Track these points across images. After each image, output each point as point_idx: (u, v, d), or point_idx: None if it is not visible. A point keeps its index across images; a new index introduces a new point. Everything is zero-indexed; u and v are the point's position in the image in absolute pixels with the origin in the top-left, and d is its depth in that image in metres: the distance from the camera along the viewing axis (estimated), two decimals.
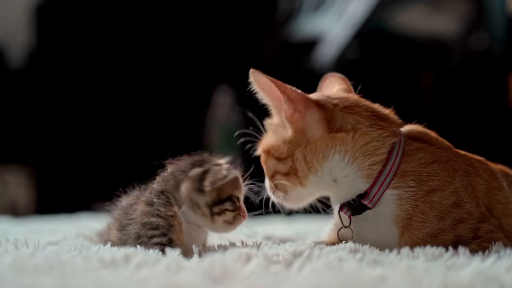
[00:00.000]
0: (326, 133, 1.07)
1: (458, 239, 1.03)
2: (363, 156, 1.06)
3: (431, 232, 1.03)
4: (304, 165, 1.08)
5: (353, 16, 3.19)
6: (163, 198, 1.12)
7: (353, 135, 1.07)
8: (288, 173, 1.10)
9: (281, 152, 1.10)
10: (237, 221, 1.11)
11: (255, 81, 1.10)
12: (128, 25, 3.76)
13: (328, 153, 1.07)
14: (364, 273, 0.83)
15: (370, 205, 1.06)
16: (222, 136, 3.57)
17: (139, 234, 1.11)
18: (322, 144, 1.07)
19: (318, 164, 1.07)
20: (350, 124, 1.08)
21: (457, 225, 1.04)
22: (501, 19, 3.26)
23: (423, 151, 1.08)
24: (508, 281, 0.80)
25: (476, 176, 1.09)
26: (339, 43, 3.19)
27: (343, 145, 1.06)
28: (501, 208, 1.10)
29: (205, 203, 1.09)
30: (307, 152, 1.07)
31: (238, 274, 0.83)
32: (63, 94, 3.73)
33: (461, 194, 1.05)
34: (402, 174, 1.06)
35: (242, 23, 3.82)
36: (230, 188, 1.10)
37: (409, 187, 1.05)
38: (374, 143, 1.07)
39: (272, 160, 1.12)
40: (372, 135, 1.07)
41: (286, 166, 1.09)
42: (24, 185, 3.69)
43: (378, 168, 1.06)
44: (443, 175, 1.06)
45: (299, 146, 1.08)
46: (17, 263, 0.90)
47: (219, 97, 3.73)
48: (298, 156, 1.08)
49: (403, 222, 1.04)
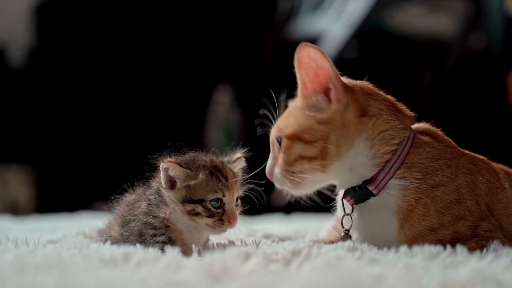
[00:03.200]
0: (356, 117, 1.07)
1: (457, 236, 1.04)
2: (379, 143, 1.07)
3: (430, 226, 1.04)
4: (335, 149, 1.06)
5: (351, 16, 3.19)
6: (157, 198, 1.12)
7: (375, 121, 1.08)
8: (314, 157, 1.07)
9: (313, 135, 1.07)
10: (218, 228, 1.09)
11: (306, 56, 1.07)
12: (128, 25, 3.76)
13: (354, 141, 1.07)
14: (363, 271, 0.83)
15: (375, 191, 1.07)
16: (221, 135, 3.57)
17: (141, 232, 1.11)
18: (352, 129, 1.07)
19: (345, 151, 1.07)
20: (375, 109, 1.09)
21: (457, 221, 1.04)
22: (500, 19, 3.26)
23: (431, 146, 1.09)
24: (506, 280, 0.81)
25: (478, 174, 1.10)
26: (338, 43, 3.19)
27: (366, 131, 1.07)
28: (502, 208, 1.10)
29: (176, 199, 1.09)
30: (340, 136, 1.06)
31: (237, 272, 0.83)
32: (63, 93, 3.73)
33: (463, 191, 1.06)
34: (409, 165, 1.06)
35: (242, 23, 3.82)
36: (202, 190, 1.08)
37: (415, 178, 1.06)
38: (391, 132, 1.08)
39: (299, 145, 1.08)
40: (391, 124, 1.09)
41: (315, 150, 1.07)
42: (24, 183, 3.69)
43: (388, 157, 1.07)
44: (448, 171, 1.07)
45: (334, 129, 1.07)
46: (17, 261, 0.91)
47: (219, 96, 3.73)
48: (332, 139, 1.06)
49: (403, 214, 1.05)
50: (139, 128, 3.69)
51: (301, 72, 1.09)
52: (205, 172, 1.09)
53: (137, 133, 3.68)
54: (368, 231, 1.09)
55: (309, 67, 1.08)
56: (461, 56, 3.29)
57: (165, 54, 3.77)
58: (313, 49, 1.06)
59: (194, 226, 1.11)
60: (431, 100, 3.22)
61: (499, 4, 3.25)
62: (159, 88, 3.76)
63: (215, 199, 1.09)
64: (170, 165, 1.09)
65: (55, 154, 3.70)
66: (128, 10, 3.79)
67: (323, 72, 1.07)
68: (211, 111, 3.71)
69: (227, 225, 1.09)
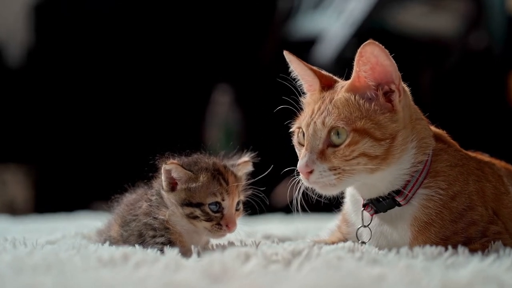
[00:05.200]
0: (410, 120, 1.05)
1: (468, 241, 1.03)
2: (418, 151, 1.05)
3: (445, 236, 1.03)
4: (399, 151, 1.03)
5: (352, 15, 3.19)
6: (158, 199, 1.11)
7: (420, 127, 1.07)
8: (377, 156, 1.02)
9: (384, 132, 1.02)
10: (215, 232, 1.09)
11: (373, 55, 1.03)
12: (127, 24, 3.75)
13: (408, 145, 1.04)
14: (363, 272, 0.83)
15: (403, 202, 1.05)
16: (221, 135, 3.57)
17: (141, 232, 1.10)
18: (408, 132, 1.04)
19: (402, 155, 1.03)
20: (417, 113, 1.08)
21: (469, 227, 1.04)
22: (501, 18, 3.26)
23: (446, 152, 1.08)
24: (508, 280, 0.80)
25: (485, 181, 1.10)
26: (338, 42, 3.19)
27: (414, 136, 1.05)
28: (507, 212, 1.10)
29: (175, 201, 1.08)
30: (403, 137, 1.03)
31: (237, 273, 0.83)
32: (62, 92, 3.72)
33: (474, 198, 1.06)
34: (434, 173, 1.05)
35: (242, 22, 3.82)
36: (202, 194, 1.08)
37: (440, 188, 1.04)
38: (427, 140, 1.07)
39: (368, 141, 1.02)
40: (427, 131, 1.08)
41: (382, 149, 1.02)
42: (22, 184, 3.69)
43: (420, 167, 1.04)
44: (462, 179, 1.06)
45: (402, 129, 1.03)
46: (15, 262, 0.90)
47: (219, 95, 3.72)
48: (399, 141, 1.03)
49: (419, 226, 1.03)
50: (138, 127, 3.69)
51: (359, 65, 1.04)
52: (207, 175, 1.09)
53: (136, 132, 3.67)
54: (381, 241, 1.07)
55: (374, 64, 1.04)
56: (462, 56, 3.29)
57: (165, 53, 3.76)
58: (379, 48, 1.03)
59: (193, 229, 1.10)
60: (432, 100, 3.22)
61: (500, 4, 3.25)
62: (159, 88, 3.76)
63: (214, 203, 1.08)
64: (173, 166, 1.08)
65: (53, 154, 3.70)
66: (127, 9, 3.78)
67: (390, 71, 1.04)
68: (211, 110, 3.71)
69: (225, 230, 1.08)
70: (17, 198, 3.66)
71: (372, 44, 1.02)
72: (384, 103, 1.03)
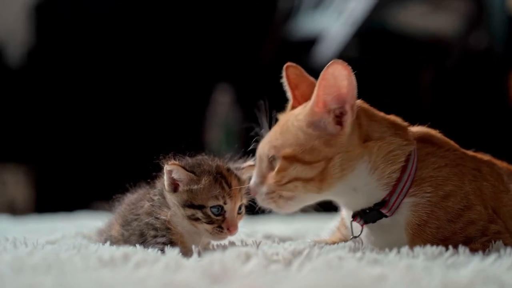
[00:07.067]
0: (360, 141, 1.04)
1: (468, 240, 1.03)
2: (385, 164, 1.04)
3: (443, 236, 1.03)
4: (338, 172, 1.03)
5: (352, 15, 3.19)
6: (160, 199, 1.11)
7: (380, 145, 1.05)
8: (312, 179, 1.03)
9: (315, 156, 1.03)
10: (216, 235, 1.08)
11: (331, 73, 1.01)
12: (127, 24, 3.75)
13: (357, 162, 1.03)
14: (364, 272, 0.83)
15: (389, 214, 1.05)
16: (221, 135, 3.57)
17: (143, 232, 1.10)
18: (356, 153, 1.04)
19: (349, 172, 1.04)
20: (377, 133, 1.06)
21: (468, 227, 1.04)
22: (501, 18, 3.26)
23: (434, 155, 1.08)
24: (508, 280, 0.80)
25: (483, 180, 1.09)
26: (339, 42, 3.19)
27: (370, 154, 1.04)
28: (507, 211, 1.10)
29: (177, 202, 1.08)
30: (344, 159, 1.03)
31: (237, 273, 0.83)
32: (62, 93, 3.72)
33: (471, 197, 1.05)
34: (419, 181, 1.05)
35: (242, 22, 3.82)
36: (204, 196, 1.07)
37: (426, 192, 1.04)
38: (397, 152, 1.05)
39: (297, 166, 1.03)
40: (395, 144, 1.06)
41: (315, 171, 1.03)
42: (23, 184, 3.69)
43: (397, 175, 1.04)
44: (455, 179, 1.06)
45: (340, 152, 1.03)
46: (16, 262, 0.90)
47: (219, 95, 3.72)
48: (336, 162, 1.02)
49: (414, 229, 1.03)
50: (138, 127, 3.69)
51: (320, 89, 1.02)
52: (209, 178, 1.08)
53: (136, 132, 3.67)
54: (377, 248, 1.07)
55: (332, 86, 1.02)
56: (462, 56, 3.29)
57: (165, 53, 3.76)
58: (341, 66, 1.00)
59: (194, 230, 1.10)
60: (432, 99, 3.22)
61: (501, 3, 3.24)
62: (159, 88, 3.76)
63: (216, 206, 1.07)
64: (174, 167, 1.08)
65: (54, 154, 3.70)
66: (127, 9, 3.78)
67: (345, 93, 1.02)
68: (211, 110, 3.71)
69: (226, 233, 1.08)
70: (17, 198, 3.66)
71: (334, 65, 1.00)
72: (333, 126, 1.03)
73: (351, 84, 1.01)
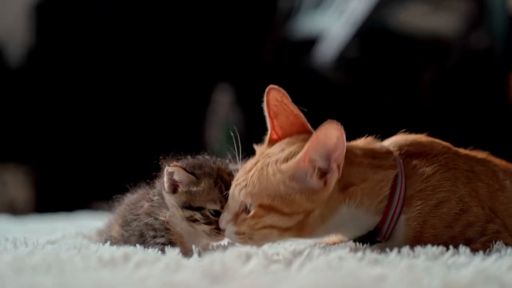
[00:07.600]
0: (341, 191, 1.02)
1: (468, 242, 1.03)
2: (371, 199, 1.03)
3: (442, 242, 1.02)
4: (319, 221, 1.01)
5: (353, 14, 3.19)
6: (159, 199, 1.11)
7: (362, 186, 1.03)
8: (289, 228, 1.01)
9: (295, 208, 0.99)
10: (214, 236, 1.07)
11: (324, 133, 0.96)
12: (127, 24, 3.75)
13: (340, 206, 1.02)
14: (364, 272, 0.82)
15: (384, 241, 1.05)
16: (222, 135, 3.57)
17: (142, 232, 1.10)
18: (337, 201, 1.01)
19: (330, 218, 1.02)
20: (358, 178, 1.03)
21: (466, 230, 1.04)
22: (502, 18, 3.26)
23: (420, 166, 1.06)
24: (509, 280, 0.80)
25: (477, 181, 1.09)
26: (339, 42, 3.19)
27: (354, 197, 1.02)
28: (504, 209, 1.09)
29: (176, 203, 1.08)
30: (326, 209, 1.01)
31: (238, 273, 0.83)
32: (62, 92, 3.72)
33: (466, 200, 1.05)
34: (409, 199, 1.04)
35: (242, 22, 3.82)
36: (203, 199, 1.07)
37: (416, 206, 1.03)
38: (380, 185, 1.04)
39: (273, 216, 1.00)
40: (377, 179, 1.04)
41: (293, 222, 1.00)
42: (23, 183, 3.69)
43: (385, 203, 1.03)
44: (448, 185, 1.04)
45: (321, 205, 1.00)
46: (16, 262, 0.90)
47: (219, 95, 3.72)
48: (316, 213, 1.00)
49: (411, 241, 1.03)
50: (138, 127, 3.69)
51: (311, 145, 0.98)
52: (209, 181, 1.08)
53: (136, 132, 3.67)
54: None
55: (322, 144, 0.98)
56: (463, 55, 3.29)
57: (165, 53, 3.76)
58: (335, 126, 0.96)
59: (193, 231, 1.10)
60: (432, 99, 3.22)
61: (501, 3, 3.24)
62: (159, 87, 3.76)
63: (213, 210, 1.07)
64: (176, 169, 1.07)
65: (54, 154, 3.70)
66: (128, 9, 3.78)
67: (334, 151, 0.98)
68: (211, 110, 3.71)
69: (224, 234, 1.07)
70: (17, 198, 3.66)
71: (329, 124, 0.96)
72: (317, 181, 1.00)
73: (341, 145, 0.98)
